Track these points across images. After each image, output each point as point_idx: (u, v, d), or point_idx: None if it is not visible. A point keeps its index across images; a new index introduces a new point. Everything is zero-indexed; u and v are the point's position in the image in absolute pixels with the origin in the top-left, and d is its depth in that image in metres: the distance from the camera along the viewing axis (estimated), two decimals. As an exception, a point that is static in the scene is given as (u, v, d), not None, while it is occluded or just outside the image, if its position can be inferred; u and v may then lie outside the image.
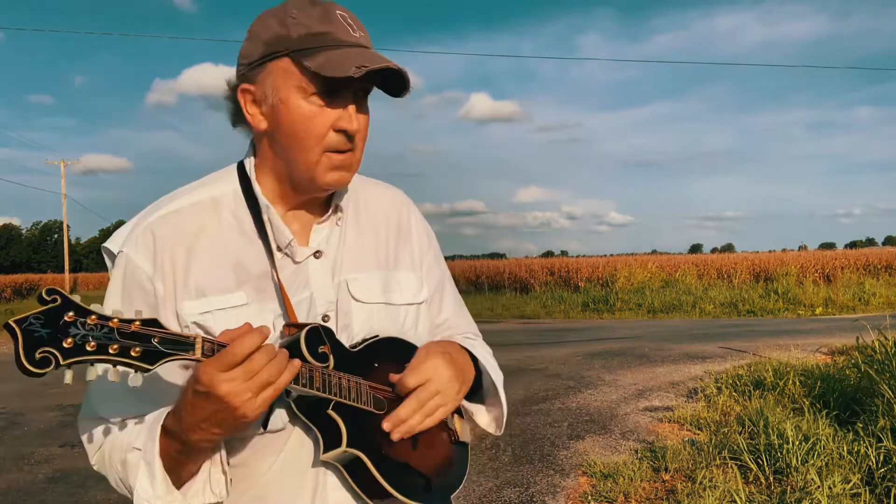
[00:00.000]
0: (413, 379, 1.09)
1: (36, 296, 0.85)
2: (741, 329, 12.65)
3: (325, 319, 1.10)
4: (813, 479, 3.87)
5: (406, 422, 1.07)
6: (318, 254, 1.13)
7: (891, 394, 4.72)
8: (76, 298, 0.86)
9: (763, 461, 4.32)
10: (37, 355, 0.82)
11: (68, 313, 0.84)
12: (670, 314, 17.66)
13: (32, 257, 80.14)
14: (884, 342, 5.68)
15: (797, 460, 4.19)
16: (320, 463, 1.06)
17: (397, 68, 1.04)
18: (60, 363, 0.83)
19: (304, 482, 1.06)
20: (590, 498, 4.19)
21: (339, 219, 1.17)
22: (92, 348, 0.84)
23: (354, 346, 1.10)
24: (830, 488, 3.76)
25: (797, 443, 4.35)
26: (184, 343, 0.90)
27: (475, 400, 1.25)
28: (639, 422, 5.92)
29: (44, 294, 0.84)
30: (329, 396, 1.01)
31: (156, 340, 0.89)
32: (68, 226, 47.61)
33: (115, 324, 0.86)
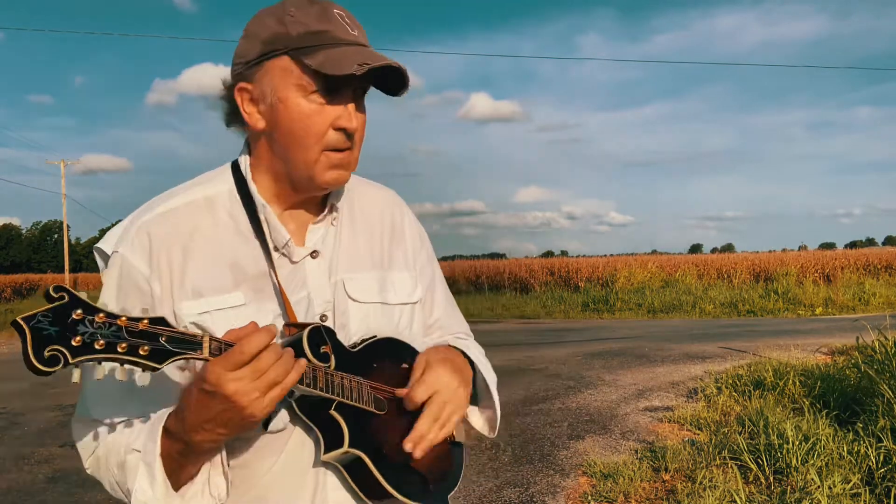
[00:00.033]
0: (422, 393, 1.09)
1: (42, 293, 0.83)
2: (741, 329, 12.65)
3: (323, 319, 1.10)
4: (813, 479, 3.87)
5: (426, 437, 1.08)
6: (314, 254, 1.13)
7: (891, 394, 4.73)
8: (83, 296, 0.85)
9: (763, 461, 4.32)
10: (45, 353, 0.80)
11: (76, 311, 0.83)
12: (670, 314, 17.66)
13: (32, 257, 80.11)
14: (884, 342, 5.68)
15: (797, 460, 4.19)
16: (320, 463, 1.06)
17: (398, 66, 1.05)
18: (69, 361, 0.81)
19: (305, 482, 1.06)
20: (590, 498, 4.19)
21: (335, 219, 1.16)
22: (101, 347, 0.83)
23: (354, 347, 1.09)
24: (830, 488, 3.76)
25: (797, 443, 4.35)
26: (191, 342, 0.89)
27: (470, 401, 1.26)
28: (639, 422, 5.93)
29: (51, 291, 0.82)
30: (332, 396, 1.01)
31: (164, 339, 0.87)
32: (68, 226, 47.67)
33: (123, 322, 0.85)
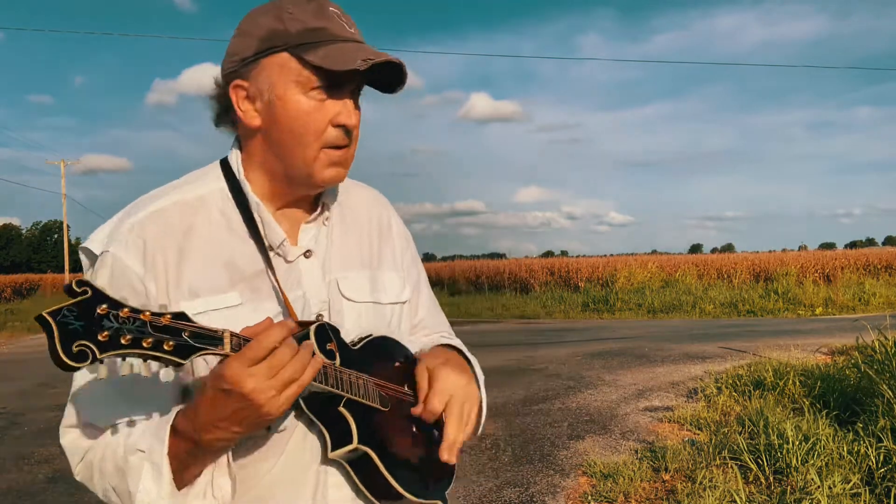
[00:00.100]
0: (438, 402, 1.10)
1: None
2: (741, 329, 12.65)
3: (319, 318, 1.10)
4: (813, 479, 3.87)
5: (457, 442, 1.09)
6: (307, 253, 1.12)
7: (891, 394, 4.73)
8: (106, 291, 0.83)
9: (763, 461, 4.32)
10: (74, 348, 0.78)
11: (101, 306, 0.81)
12: (670, 314, 17.66)
13: (32, 257, 79.98)
14: (884, 342, 5.68)
15: (797, 460, 4.19)
16: (322, 462, 1.06)
17: (398, 61, 1.05)
18: (97, 357, 0.79)
19: (306, 482, 1.06)
20: (590, 498, 4.19)
21: (326, 218, 1.16)
22: (127, 342, 0.81)
23: (354, 344, 1.10)
24: (830, 488, 3.76)
25: (797, 443, 4.36)
26: (212, 337, 0.88)
27: None
28: (639, 422, 5.92)
29: (74, 286, 0.80)
30: (342, 393, 1.01)
31: (186, 335, 0.86)
32: (68, 226, 47.65)
33: (146, 317, 0.83)
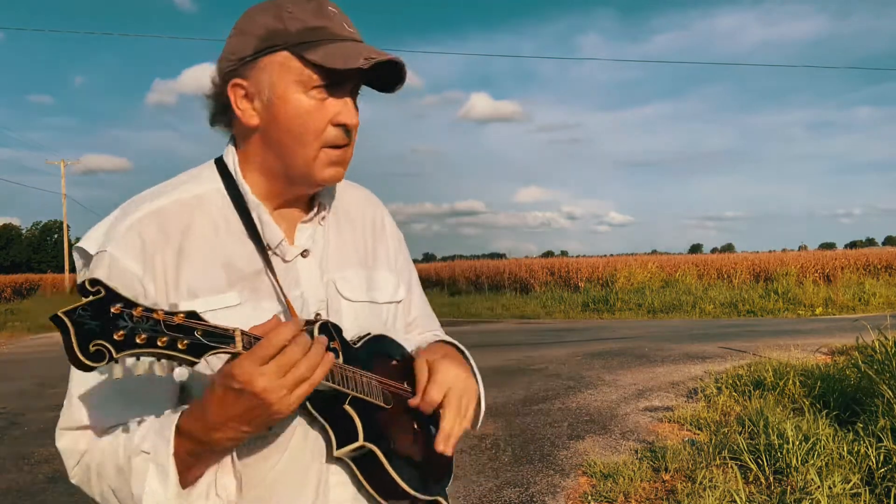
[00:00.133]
0: (437, 393, 1.10)
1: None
2: (741, 329, 12.65)
3: (317, 317, 1.10)
4: (813, 479, 3.87)
5: (454, 434, 1.09)
6: (305, 253, 1.12)
7: (891, 394, 4.73)
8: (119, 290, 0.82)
9: (763, 461, 4.32)
10: (90, 348, 0.77)
11: (115, 305, 0.80)
12: (670, 314, 17.66)
13: (32, 257, 79.95)
14: (884, 342, 5.68)
15: (797, 460, 4.19)
16: (323, 460, 1.06)
17: (399, 60, 1.05)
18: (114, 356, 0.79)
19: (307, 480, 1.05)
20: (590, 498, 4.19)
21: (322, 218, 1.16)
22: (142, 341, 0.81)
23: (354, 343, 1.10)
24: (830, 488, 3.76)
25: (797, 443, 4.36)
26: (224, 336, 0.87)
27: None
28: (639, 422, 5.92)
29: (87, 285, 0.79)
30: (347, 391, 1.01)
31: (198, 333, 0.85)
32: (68, 226, 47.62)
33: (160, 316, 0.83)
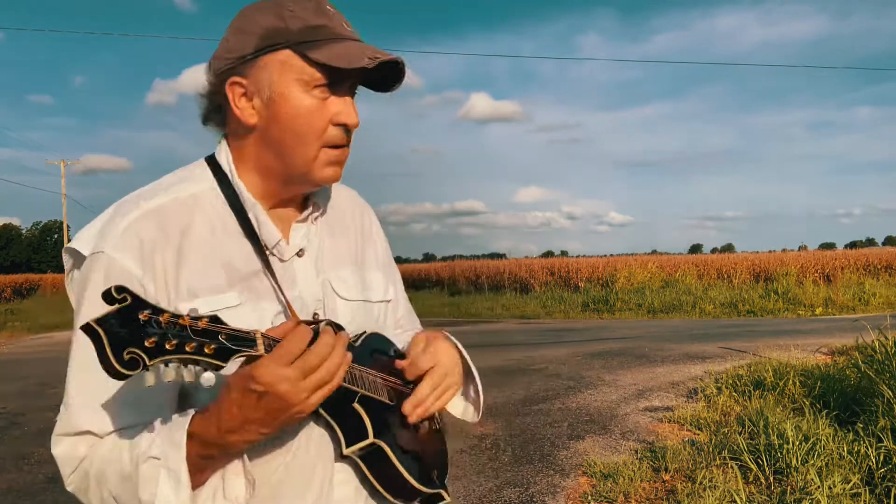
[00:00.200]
0: (426, 361, 1.11)
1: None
2: (741, 329, 12.65)
3: (315, 317, 1.10)
4: (813, 479, 3.87)
5: (425, 402, 1.09)
6: (300, 252, 1.12)
7: (891, 394, 4.73)
8: (146, 297, 0.81)
9: (763, 461, 4.32)
10: (125, 356, 0.77)
11: (143, 311, 0.79)
12: (670, 314, 17.66)
13: (32, 257, 79.92)
14: (884, 342, 5.68)
15: (797, 460, 4.20)
16: (328, 459, 1.06)
17: (401, 60, 1.05)
18: (147, 364, 0.78)
19: (313, 479, 1.05)
20: (590, 498, 4.19)
21: (316, 217, 1.16)
22: (171, 347, 0.79)
23: (354, 341, 1.10)
24: (830, 488, 3.76)
25: (797, 443, 4.36)
26: (246, 339, 0.87)
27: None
28: (639, 422, 5.92)
29: (113, 292, 0.78)
30: (357, 389, 1.01)
31: (223, 337, 0.84)
32: (68, 226, 47.62)
33: (186, 321, 0.81)
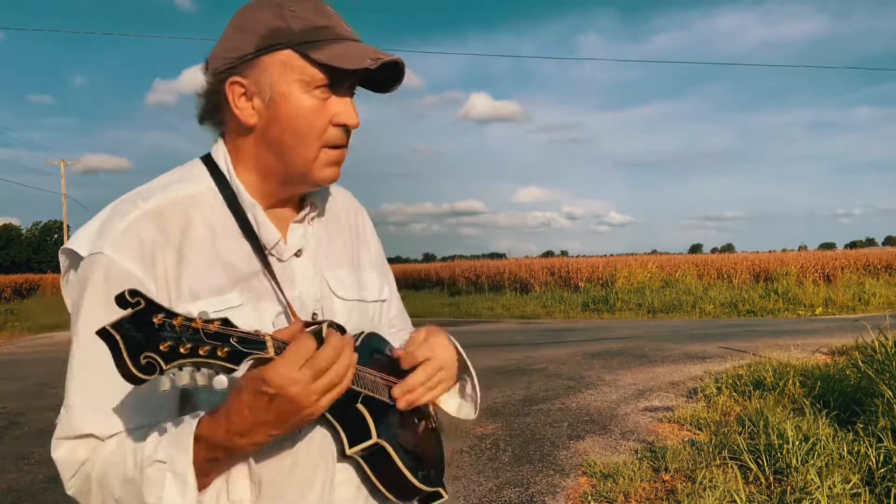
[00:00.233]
0: (422, 352, 1.11)
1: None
2: (741, 329, 12.65)
3: (314, 317, 1.10)
4: (813, 479, 3.87)
5: (415, 391, 1.08)
6: (299, 252, 1.12)
7: (891, 394, 4.73)
8: (158, 300, 0.80)
9: (763, 461, 4.32)
10: (142, 360, 0.76)
11: (157, 315, 0.78)
12: (670, 314, 17.65)
13: (32, 257, 79.94)
14: (884, 342, 5.68)
15: (797, 460, 4.20)
16: (330, 459, 1.06)
17: (402, 61, 1.05)
18: (163, 368, 0.77)
19: (315, 480, 1.05)
20: (590, 498, 4.19)
21: (313, 217, 1.16)
22: (186, 351, 0.79)
23: (354, 342, 1.09)
24: (830, 488, 3.76)
25: (797, 443, 4.36)
26: (256, 341, 0.86)
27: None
28: (639, 422, 5.92)
29: (127, 296, 0.77)
30: (361, 390, 1.01)
31: (234, 340, 0.83)
32: (68, 226, 47.69)
33: (198, 324, 0.81)
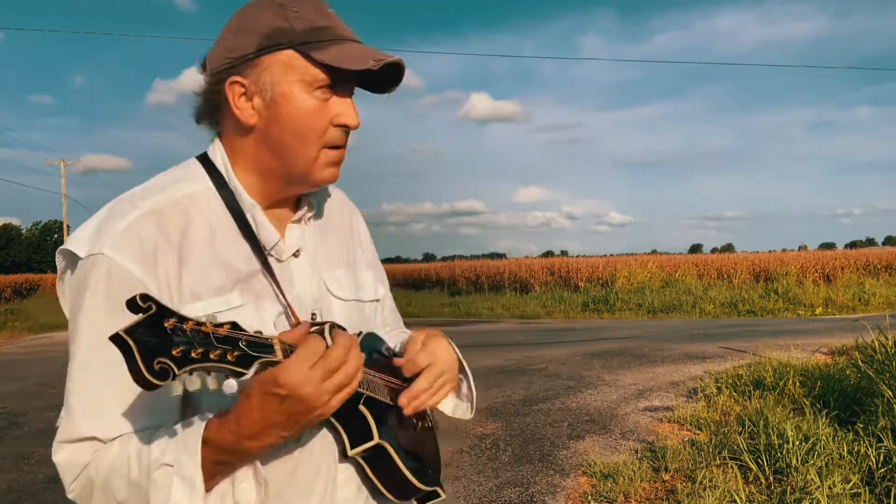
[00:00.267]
0: (424, 358, 1.11)
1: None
2: (741, 329, 12.65)
3: (313, 317, 1.09)
4: (813, 479, 3.87)
5: (420, 397, 1.09)
6: (296, 253, 1.12)
7: (891, 394, 4.73)
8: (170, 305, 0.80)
9: (763, 461, 4.32)
10: (155, 366, 0.75)
11: (168, 320, 0.77)
12: (670, 314, 17.65)
13: (32, 257, 79.97)
14: (884, 342, 5.68)
15: (797, 460, 4.19)
16: (332, 460, 1.06)
17: (402, 62, 1.05)
18: (176, 373, 0.76)
19: (317, 480, 1.05)
20: (590, 498, 4.19)
21: (309, 217, 1.16)
22: (197, 355, 0.78)
23: None
24: (830, 488, 3.76)
25: (797, 443, 4.36)
26: (263, 345, 0.86)
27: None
28: (639, 422, 5.92)
29: (138, 300, 0.76)
30: (363, 391, 1.01)
31: (243, 343, 0.83)
32: (68, 226, 47.61)
33: (208, 329, 0.80)
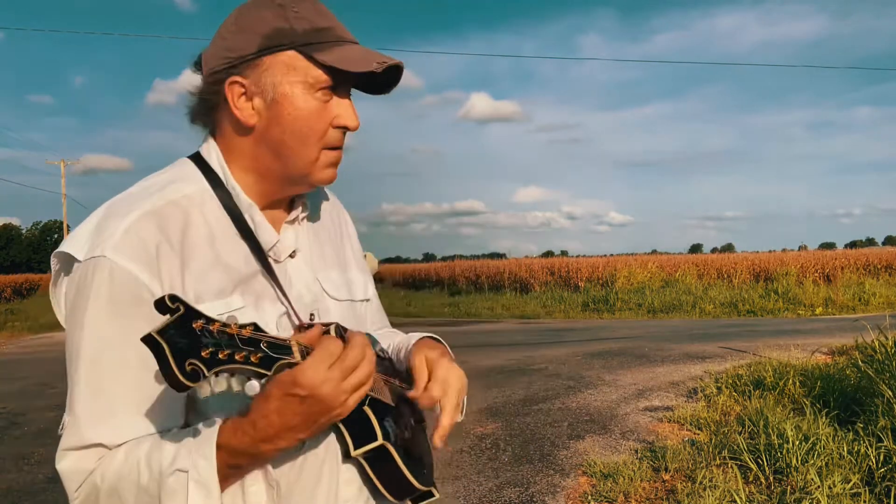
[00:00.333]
0: (437, 390, 1.11)
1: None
2: (741, 329, 12.65)
3: (311, 318, 1.10)
4: (813, 479, 3.87)
5: (447, 430, 1.09)
6: (293, 253, 1.12)
7: (891, 394, 4.73)
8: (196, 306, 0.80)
9: (763, 461, 4.32)
10: (187, 367, 0.75)
11: (196, 321, 0.77)
12: (670, 314, 17.65)
13: (32, 257, 79.96)
14: (884, 342, 5.68)
15: (797, 460, 4.20)
16: (336, 460, 1.06)
17: (402, 65, 1.06)
18: (206, 375, 0.76)
19: (322, 480, 1.05)
20: (590, 498, 4.19)
21: (303, 218, 1.17)
22: (224, 357, 0.78)
23: None
24: (830, 488, 3.76)
25: (797, 443, 4.36)
26: (283, 346, 0.86)
27: None
28: (639, 422, 5.93)
29: (167, 301, 0.76)
30: (369, 392, 1.01)
31: (264, 345, 0.83)
32: (68, 226, 47.61)
33: (233, 330, 0.80)
